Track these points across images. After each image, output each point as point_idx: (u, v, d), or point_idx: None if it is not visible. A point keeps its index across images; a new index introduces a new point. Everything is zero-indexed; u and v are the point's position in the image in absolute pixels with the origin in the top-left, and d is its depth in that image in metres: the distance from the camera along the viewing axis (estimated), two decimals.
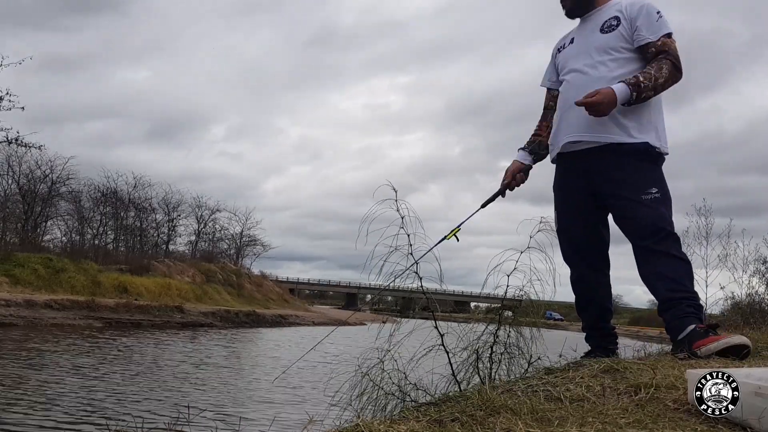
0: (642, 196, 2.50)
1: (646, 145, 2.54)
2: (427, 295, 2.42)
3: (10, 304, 20.97)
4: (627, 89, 2.43)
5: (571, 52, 2.77)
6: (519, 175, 2.86)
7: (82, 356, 13.28)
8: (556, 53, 2.88)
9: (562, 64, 2.80)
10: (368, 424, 1.40)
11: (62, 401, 8.12)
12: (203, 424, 6.82)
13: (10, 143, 23.92)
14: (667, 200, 2.54)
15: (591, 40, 2.68)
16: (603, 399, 1.64)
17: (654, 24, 2.55)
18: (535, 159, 2.89)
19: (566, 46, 2.82)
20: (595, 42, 2.66)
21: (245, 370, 13.29)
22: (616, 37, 2.60)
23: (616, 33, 2.61)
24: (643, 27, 2.56)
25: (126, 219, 42.68)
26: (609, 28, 2.64)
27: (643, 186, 2.51)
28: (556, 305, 75.04)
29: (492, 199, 2.85)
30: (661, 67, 2.48)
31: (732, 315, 10.54)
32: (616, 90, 2.44)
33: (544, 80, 2.94)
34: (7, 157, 33.88)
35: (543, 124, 2.91)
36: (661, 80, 2.47)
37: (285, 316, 36.41)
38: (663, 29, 2.54)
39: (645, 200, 2.50)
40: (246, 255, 51.98)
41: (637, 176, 2.52)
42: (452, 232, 2.64)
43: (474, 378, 2.32)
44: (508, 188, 2.86)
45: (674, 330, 2.40)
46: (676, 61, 2.51)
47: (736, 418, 1.43)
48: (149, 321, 25.28)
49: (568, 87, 2.72)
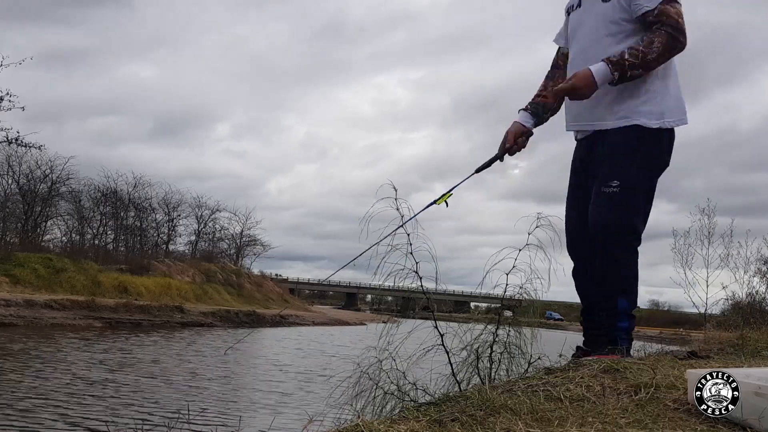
0: (602, 188, 2.39)
1: (635, 128, 2.37)
2: (427, 295, 2.41)
3: (10, 304, 20.96)
4: (606, 69, 2.28)
5: (577, 18, 2.59)
6: (520, 139, 2.61)
7: (82, 356, 13.27)
8: (567, 12, 2.70)
9: (572, 29, 2.63)
10: (368, 424, 1.40)
11: (62, 401, 8.12)
12: (203, 424, 6.82)
13: (10, 143, 23.96)
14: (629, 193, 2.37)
15: (593, 8, 2.50)
16: (603, 399, 1.64)
17: None
18: (536, 122, 2.66)
19: (574, 7, 2.63)
20: (597, 10, 2.48)
21: (245, 370, 13.29)
22: (614, 7, 2.41)
23: (614, 3, 2.41)
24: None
25: (126, 219, 42.70)
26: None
27: (606, 177, 2.38)
28: (556, 305, 75.10)
29: (489, 164, 2.59)
30: (651, 41, 2.30)
31: (732, 314, 10.53)
32: (594, 71, 2.29)
33: (557, 37, 2.76)
34: (7, 157, 33.96)
35: (549, 84, 2.70)
36: (651, 56, 2.29)
37: (285, 315, 36.41)
38: None
39: (603, 192, 2.39)
40: (246, 255, 52.06)
41: (606, 166, 2.41)
42: (442, 197, 2.45)
43: (474, 378, 2.31)
44: (508, 153, 2.61)
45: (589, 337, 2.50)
46: (673, 30, 2.30)
47: (736, 418, 1.43)
48: (149, 321, 25.27)
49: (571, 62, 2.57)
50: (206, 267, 38.85)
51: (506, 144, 2.59)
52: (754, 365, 2.28)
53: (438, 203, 2.43)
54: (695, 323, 29.61)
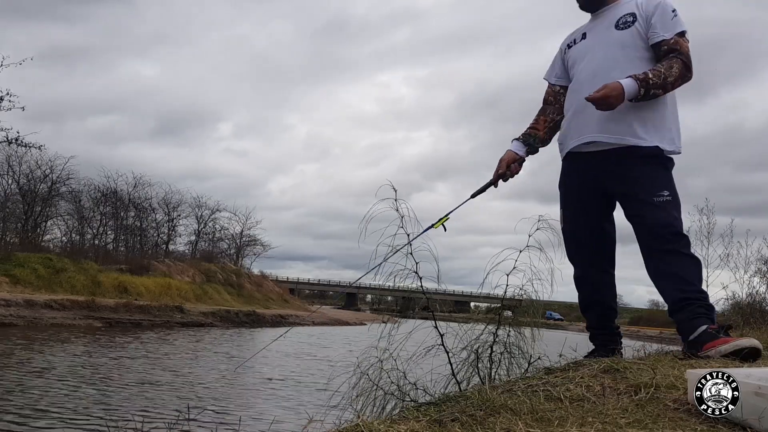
0: (654, 198, 2.50)
1: (657, 149, 2.53)
2: (427, 295, 2.41)
3: (10, 304, 20.96)
4: (635, 84, 2.42)
5: (583, 49, 2.72)
6: (513, 165, 2.76)
7: (82, 356, 13.28)
8: (565, 49, 2.83)
9: (573, 60, 2.75)
10: (368, 424, 1.40)
11: (62, 401, 8.12)
12: (203, 424, 6.82)
13: (10, 143, 23.94)
14: (677, 203, 2.55)
15: (605, 37, 2.64)
16: (603, 399, 1.64)
17: (669, 22, 2.53)
18: (528, 151, 2.80)
19: (577, 41, 2.76)
20: (610, 38, 2.62)
21: (245, 369, 13.29)
22: (632, 35, 2.58)
23: (632, 30, 2.58)
24: (657, 24, 2.53)
25: (126, 219, 42.69)
26: (625, 24, 2.60)
27: (656, 188, 2.51)
28: (556, 305, 75.09)
29: (483, 189, 2.74)
30: (671, 65, 2.47)
31: (732, 315, 10.53)
32: (624, 84, 2.43)
33: (548, 74, 2.90)
34: (7, 157, 33.96)
35: (540, 118, 2.86)
36: (670, 79, 2.46)
37: (285, 316, 36.40)
38: (677, 27, 2.52)
39: (657, 202, 2.50)
40: (246, 255, 52.06)
41: (650, 178, 2.52)
42: (440, 221, 2.52)
43: (474, 378, 2.31)
44: (502, 179, 2.76)
45: (686, 331, 2.39)
46: (687, 61, 2.49)
47: (736, 418, 1.43)
48: (149, 321, 25.27)
49: (580, 85, 2.66)
50: (206, 267, 38.84)
51: (499, 170, 2.75)
52: (754, 365, 2.27)
53: (435, 227, 2.50)
54: None
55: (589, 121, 2.61)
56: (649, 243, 2.52)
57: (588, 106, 2.52)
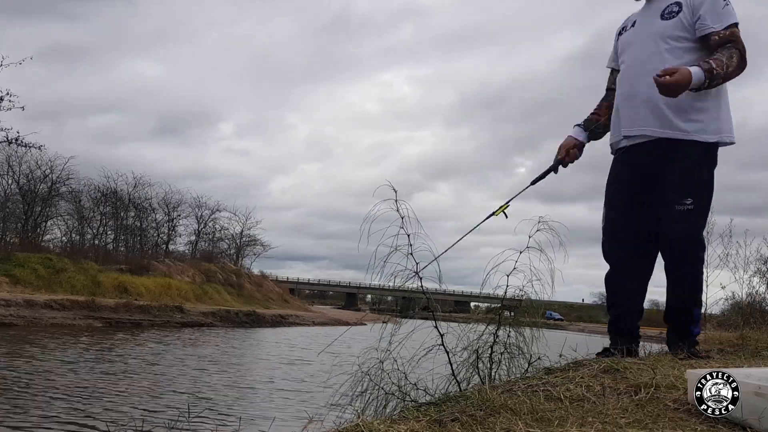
0: (676, 206, 2.47)
1: (704, 144, 2.48)
2: (427, 295, 2.41)
3: (10, 304, 20.96)
4: (702, 74, 2.35)
5: (631, 37, 2.68)
6: (573, 150, 2.77)
7: (82, 356, 13.28)
8: (617, 35, 2.80)
9: (622, 47, 2.72)
10: (368, 424, 1.40)
11: (62, 401, 8.12)
12: (203, 424, 6.82)
13: (10, 143, 23.93)
14: (702, 209, 2.51)
15: (651, 26, 2.59)
16: (603, 399, 1.64)
17: (720, 12, 2.45)
18: (590, 137, 2.80)
19: (627, 28, 2.73)
20: (654, 28, 2.57)
21: (245, 370, 13.29)
22: (675, 25, 2.51)
23: (676, 20, 2.51)
24: (707, 15, 2.46)
25: (126, 219, 42.66)
26: (669, 14, 2.54)
27: (682, 195, 2.47)
28: (556, 305, 75.08)
29: (544, 176, 2.76)
30: (731, 55, 2.41)
31: (732, 315, 10.54)
32: (693, 72, 2.34)
33: (609, 61, 2.87)
34: (7, 157, 33.94)
35: (603, 104, 2.84)
36: (731, 69, 2.40)
37: (285, 316, 36.39)
38: (730, 18, 2.45)
39: (678, 210, 2.47)
40: (246, 255, 52.05)
41: (680, 181, 2.48)
42: (501, 208, 2.60)
43: (474, 378, 2.31)
44: (562, 164, 2.77)
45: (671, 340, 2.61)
46: (743, 52, 2.44)
47: (736, 418, 1.43)
48: (149, 321, 25.27)
49: (623, 78, 2.65)
50: (206, 267, 38.83)
51: (558, 156, 2.76)
52: (754, 365, 2.28)
53: (496, 214, 2.61)
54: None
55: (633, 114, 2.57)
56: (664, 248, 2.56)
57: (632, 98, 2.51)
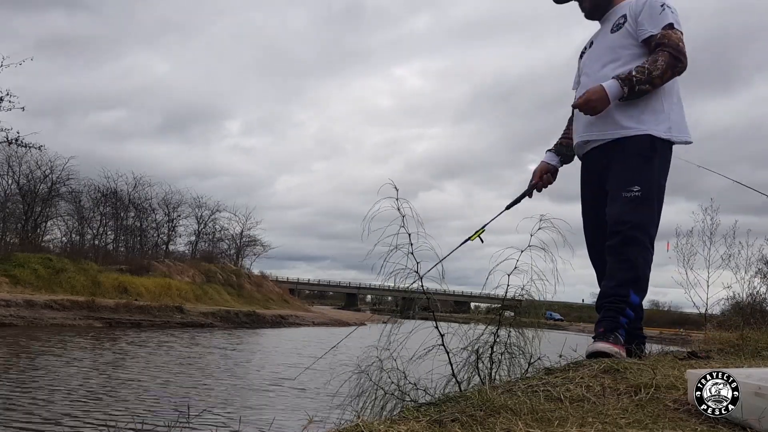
0: (623, 193, 2.51)
1: (647, 137, 2.53)
2: (428, 295, 2.41)
3: (10, 305, 20.96)
4: (617, 84, 2.46)
5: (588, 56, 2.80)
6: (546, 176, 2.88)
7: (82, 356, 13.27)
8: (579, 58, 2.92)
9: (581, 68, 2.84)
10: (368, 425, 1.40)
11: (62, 401, 8.12)
12: (203, 424, 6.82)
13: (10, 143, 23.89)
14: (649, 199, 2.51)
15: (604, 41, 2.71)
16: (603, 399, 1.64)
17: (656, 17, 2.55)
18: (562, 161, 2.92)
19: (587, 49, 2.85)
20: (606, 42, 2.69)
21: (245, 370, 13.29)
22: (623, 35, 2.62)
23: (623, 31, 2.62)
24: (644, 21, 2.56)
25: (126, 219, 42.67)
26: (617, 26, 2.65)
27: (628, 182, 2.51)
28: (557, 305, 75.09)
29: (518, 200, 2.85)
30: (656, 59, 2.48)
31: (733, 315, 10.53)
32: (606, 87, 2.47)
33: (574, 83, 2.98)
34: (7, 157, 33.94)
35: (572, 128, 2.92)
36: (656, 72, 2.46)
37: (285, 316, 36.39)
38: (664, 20, 2.53)
39: (624, 197, 2.50)
40: (246, 255, 52.05)
41: (626, 171, 2.53)
42: (476, 233, 2.65)
43: (474, 378, 2.31)
44: (536, 189, 2.89)
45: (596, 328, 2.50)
46: (674, 52, 2.48)
47: (736, 418, 1.43)
48: (149, 321, 25.27)
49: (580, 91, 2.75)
50: (206, 267, 38.82)
51: (533, 181, 2.88)
52: (754, 365, 2.28)
53: (472, 239, 2.66)
54: (695, 323, 29.57)
55: (582, 122, 2.70)
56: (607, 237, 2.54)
57: None
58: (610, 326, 2.39)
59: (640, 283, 2.46)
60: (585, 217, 2.81)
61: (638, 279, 2.45)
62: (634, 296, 2.44)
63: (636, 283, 2.45)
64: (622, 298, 2.43)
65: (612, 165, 2.59)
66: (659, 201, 2.58)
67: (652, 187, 2.51)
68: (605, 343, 2.31)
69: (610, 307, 2.44)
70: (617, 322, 2.40)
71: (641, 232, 2.47)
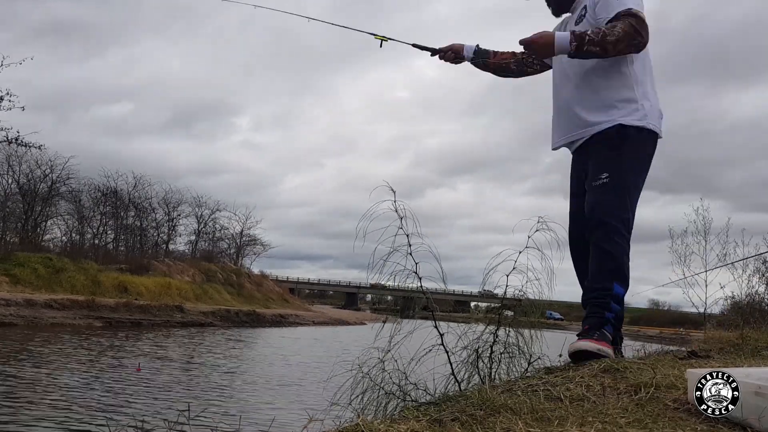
0: (592, 183, 2.52)
1: (616, 127, 2.51)
2: (427, 295, 2.41)
3: (10, 304, 20.96)
4: (567, 37, 2.43)
5: None
6: (450, 54, 2.97)
7: (82, 356, 13.28)
8: None
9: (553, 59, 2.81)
10: (368, 424, 1.40)
11: (62, 401, 8.12)
12: (203, 424, 6.82)
13: (10, 143, 23.90)
14: (619, 185, 2.47)
15: None
16: (603, 399, 1.64)
17: (612, 4, 2.49)
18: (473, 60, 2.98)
19: None
20: None
21: (245, 369, 13.29)
22: (585, 26, 2.59)
23: (585, 21, 2.62)
24: (601, 9, 2.54)
25: (126, 219, 42.68)
26: (580, 18, 2.66)
27: (597, 172, 2.52)
28: (556, 305, 75.02)
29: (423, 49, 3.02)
30: (614, 25, 2.42)
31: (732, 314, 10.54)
32: (556, 36, 2.46)
33: None
34: (7, 156, 33.95)
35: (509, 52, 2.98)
36: (611, 38, 2.39)
37: (285, 315, 36.40)
38: (620, 6, 2.46)
39: (593, 186, 2.51)
40: (246, 254, 52.06)
41: (597, 164, 2.54)
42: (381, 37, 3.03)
43: (474, 377, 2.31)
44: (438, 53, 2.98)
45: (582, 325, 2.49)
46: (636, 24, 2.40)
47: (736, 418, 1.43)
48: (149, 320, 25.27)
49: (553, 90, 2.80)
50: (206, 267, 38.84)
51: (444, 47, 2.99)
52: (754, 365, 2.28)
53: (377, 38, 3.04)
54: (695, 323, 29.58)
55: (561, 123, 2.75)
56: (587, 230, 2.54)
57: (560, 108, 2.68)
58: (594, 323, 2.40)
59: (620, 272, 2.44)
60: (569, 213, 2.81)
61: (618, 268, 2.44)
62: (618, 288, 2.43)
63: (617, 273, 2.43)
64: (606, 291, 2.42)
65: (590, 162, 2.61)
66: (635, 187, 2.54)
67: (621, 173, 2.48)
68: (587, 341, 2.31)
69: (595, 303, 2.45)
70: (602, 318, 2.40)
71: (613, 218, 2.45)
